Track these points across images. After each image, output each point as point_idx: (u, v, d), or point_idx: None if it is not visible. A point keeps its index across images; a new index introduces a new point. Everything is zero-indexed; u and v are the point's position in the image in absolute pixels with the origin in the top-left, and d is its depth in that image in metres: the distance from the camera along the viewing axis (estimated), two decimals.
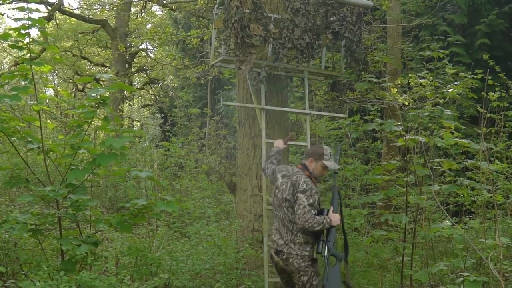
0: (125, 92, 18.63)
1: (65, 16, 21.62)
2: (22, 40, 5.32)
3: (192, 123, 12.51)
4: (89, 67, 26.00)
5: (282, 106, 6.72)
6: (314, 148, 4.84)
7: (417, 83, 6.94)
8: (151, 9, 23.90)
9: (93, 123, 7.03)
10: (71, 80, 25.08)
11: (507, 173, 7.50)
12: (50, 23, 19.88)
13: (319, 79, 7.65)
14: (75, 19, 21.71)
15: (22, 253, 5.88)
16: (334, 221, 4.50)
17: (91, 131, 9.31)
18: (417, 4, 12.51)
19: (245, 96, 6.80)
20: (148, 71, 24.78)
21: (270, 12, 6.44)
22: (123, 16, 18.71)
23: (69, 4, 38.91)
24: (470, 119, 11.50)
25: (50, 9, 18.52)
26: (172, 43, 15.27)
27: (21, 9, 5.26)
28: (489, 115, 7.28)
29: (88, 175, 5.31)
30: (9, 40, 5.39)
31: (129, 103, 25.33)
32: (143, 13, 23.14)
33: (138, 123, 23.92)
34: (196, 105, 18.35)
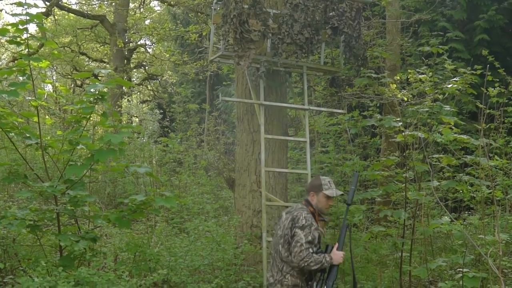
0: (123, 87, 18.58)
1: (63, 11, 21.55)
2: (20, 35, 5.30)
3: (190, 119, 12.48)
4: (87, 62, 25.94)
5: (281, 101, 6.71)
6: (311, 181, 4.60)
7: (416, 78, 6.93)
8: (150, 4, 23.86)
9: (92, 119, 7.01)
10: (69, 75, 25.01)
11: (506, 169, 7.51)
12: (48, 19, 19.80)
13: (318, 75, 7.64)
14: (73, 15, 21.62)
15: (20, 249, 5.87)
16: (335, 259, 4.18)
17: (90, 127, 9.28)
18: None
19: (244, 91, 6.79)
20: (146, 67, 24.71)
21: (269, 7, 6.42)
22: (121, 11, 18.64)
23: None
24: (469, 115, 11.50)
25: (48, 4, 18.41)
26: (170, 39, 15.23)
27: (19, 4, 5.23)
28: (488, 111, 7.25)
29: (86, 170, 5.31)
30: (7, 35, 5.38)
31: (128, 99, 25.25)
32: (142, 9, 23.09)
33: (136, 119, 23.88)
34: (195, 100, 18.33)
